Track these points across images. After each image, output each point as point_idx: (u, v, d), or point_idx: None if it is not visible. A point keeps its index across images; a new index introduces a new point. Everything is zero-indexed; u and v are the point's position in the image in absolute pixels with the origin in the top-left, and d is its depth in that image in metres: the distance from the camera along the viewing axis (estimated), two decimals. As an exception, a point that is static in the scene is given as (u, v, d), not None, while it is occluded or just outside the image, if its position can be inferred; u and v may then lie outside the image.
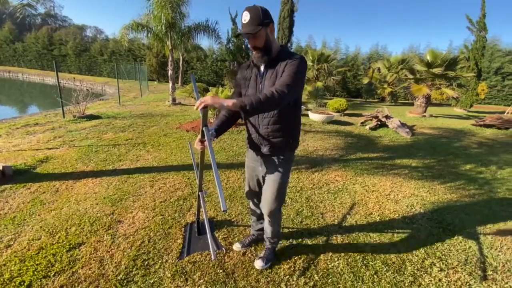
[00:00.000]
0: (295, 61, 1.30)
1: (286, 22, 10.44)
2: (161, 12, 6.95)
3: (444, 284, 1.72)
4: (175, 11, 7.26)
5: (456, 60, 8.55)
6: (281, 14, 10.55)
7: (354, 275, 1.75)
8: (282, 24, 10.70)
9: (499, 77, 15.63)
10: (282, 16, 10.44)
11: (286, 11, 10.25)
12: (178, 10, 7.51)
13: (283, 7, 10.40)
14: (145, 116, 6.85)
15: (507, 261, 1.99)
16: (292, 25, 10.85)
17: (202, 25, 8.25)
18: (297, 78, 1.27)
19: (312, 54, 12.50)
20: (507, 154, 4.99)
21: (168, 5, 6.80)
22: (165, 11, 6.94)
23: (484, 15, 10.68)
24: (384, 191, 3.11)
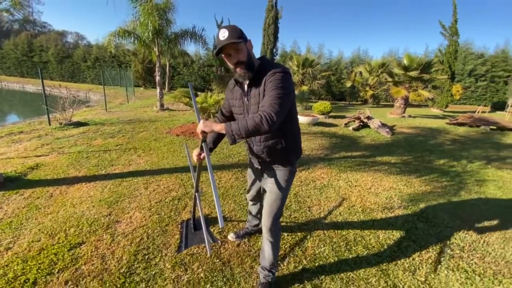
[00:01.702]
0: (276, 77, 1.24)
1: (271, 29, 10.76)
2: (148, 19, 7.04)
3: (417, 262, 1.95)
4: (162, 18, 7.37)
5: (430, 64, 9.14)
6: (266, 21, 10.87)
7: (338, 258, 1.94)
8: (267, 30, 11.01)
9: (472, 79, 16.67)
10: (267, 23, 10.76)
11: (270, 18, 10.57)
12: (165, 17, 7.62)
13: (267, 14, 10.73)
14: (133, 122, 6.87)
15: (473, 241, 2.25)
16: (277, 32, 11.18)
17: (189, 31, 8.39)
18: (283, 98, 1.20)
19: (297, 59, 12.89)
20: (477, 149, 5.43)
21: (155, 12, 6.90)
22: (152, 18, 7.03)
23: (456, 21, 11.47)
24: (365, 185, 3.36)
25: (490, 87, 16.50)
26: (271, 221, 1.53)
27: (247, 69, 1.31)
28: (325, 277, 1.75)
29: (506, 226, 2.50)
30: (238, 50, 1.27)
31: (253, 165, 1.69)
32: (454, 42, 11.73)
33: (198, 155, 1.57)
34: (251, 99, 1.36)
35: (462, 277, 1.80)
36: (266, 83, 1.26)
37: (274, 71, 1.26)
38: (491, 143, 6.02)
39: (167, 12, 7.88)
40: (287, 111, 1.26)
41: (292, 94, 1.30)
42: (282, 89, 1.22)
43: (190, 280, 1.68)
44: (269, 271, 1.61)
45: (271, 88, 1.23)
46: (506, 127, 7.48)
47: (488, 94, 16.58)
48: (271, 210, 1.52)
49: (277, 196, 1.51)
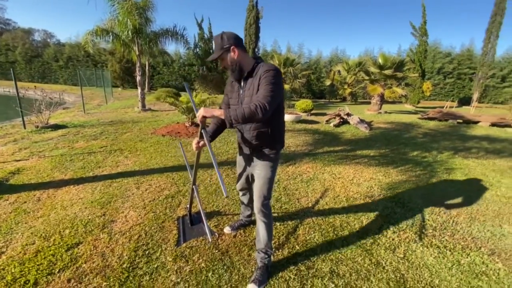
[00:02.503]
0: (269, 74, 1.44)
1: (253, 29, 10.88)
2: (127, 18, 6.88)
3: (396, 242, 2.17)
4: (142, 17, 7.24)
5: (403, 62, 9.73)
6: (247, 21, 10.97)
7: (327, 242, 2.12)
8: (248, 30, 11.12)
9: (441, 76, 17.82)
10: (248, 23, 10.87)
11: (251, 17, 10.69)
12: (145, 16, 7.49)
13: (248, 14, 10.83)
14: (115, 123, 6.70)
15: (443, 222, 2.53)
16: (258, 31, 11.33)
17: (170, 30, 8.29)
18: (274, 91, 1.40)
19: (278, 58, 13.11)
20: (446, 141, 5.91)
21: (135, 11, 6.76)
22: (132, 17, 6.89)
23: (425, 22, 12.25)
24: (348, 177, 3.59)
25: (457, 84, 17.73)
26: (261, 203, 1.70)
27: (232, 71, 1.59)
28: (317, 259, 1.92)
29: (472, 207, 2.82)
30: (222, 59, 1.58)
31: (243, 153, 1.85)
32: (423, 42, 12.53)
33: (197, 143, 1.67)
34: (245, 92, 1.57)
35: (435, 252, 2.05)
36: (261, 79, 1.47)
37: (267, 69, 1.47)
38: (458, 135, 6.58)
39: (147, 10, 7.74)
40: (277, 103, 1.47)
41: (282, 89, 1.52)
42: (274, 85, 1.43)
43: (192, 270, 1.78)
44: (265, 253, 1.75)
45: (264, 83, 1.43)
46: (471, 120, 8.17)
47: (455, 90, 17.81)
48: (261, 193, 1.70)
49: (265, 180, 1.69)
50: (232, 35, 1.56)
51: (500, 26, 13.01)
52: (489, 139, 6.15)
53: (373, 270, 1.83)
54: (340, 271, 1.81)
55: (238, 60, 1.56)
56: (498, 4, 12.87)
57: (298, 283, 1.69)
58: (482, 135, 6.62)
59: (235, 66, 1.57)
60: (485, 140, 6.08)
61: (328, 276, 1.75)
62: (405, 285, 1.70)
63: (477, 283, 1.72)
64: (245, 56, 1.59)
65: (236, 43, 1.55)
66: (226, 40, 1.53)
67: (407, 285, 1.70)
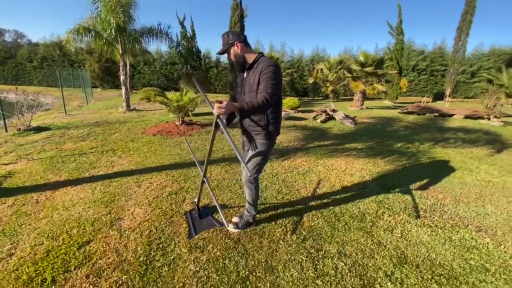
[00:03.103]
0: (270, 70, 1.68)
1: (237, 27, 10.91)
2: (111, 16, 6.68)
3: (393, 223, 2.36)
4: (125, 15, 7.06)
5: (383, 60, 10.21)
6: (232, 19, 10.99)
7: (331, 227, 2.27)
8: (233, 29, 11.12)
9: (415, 73, 18.76)
10: (233, 21, 10.89)
11: (236, 16, 10.72)
12: (128, 14, 7.30)
13: (233, 13, 10.85)
14: (101, 124, 6.51)
15: (432, 204, 2.76)
16: (243, 30, 11.37)
17: (154, 29, 8.14)
18: (275, 86, 1.68)
19: (262, 56, 13.25)
20: (426, 133, 6.33)
21: (119, 8, 6.58)
22: (115, 14, 6.70)
23: (401, 21, 12.87)
24: (341, 168, 3.78)
25: (430, 80, 18.76)
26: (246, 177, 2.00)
27: (237, 63, 1.88)
28: (324, 242, 2.05)
29: (455, 191, 3.10)
30: (228, 53, 1.88)
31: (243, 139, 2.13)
32: (400, 40, 13.18)
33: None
34: (247, 81, 1.85)
35: (428, 231, 2.25)
36: (262, 73, 1.71)
37: (268, 65, 1.71)
38: (436, 128, 7.05)
39: (130, 8, 7.56)
40: (278, 96, 1.76)
41: (281, 84, 1.78)
42: (274, 79, 1.69)
43: (209, 258, 1.85)
44: (248, 212, 2.17)
45: (266, 78, 1.69)
46: (446, 113, 8.75)
47: (429, 86, 18.83)
48: (250, 165, 1.96)
49: (256, 153, 1.94)
50: (236, 33, 1.86)
51: (471, 25, 13.94)
52: (464, 130, 6.66)
53: (376, 249, 2.00)
54: (347, 252, 1.96)
55: (241, 53, 1.83)
56: (468, 3, 13.77)
57: (311, 264, 1.81)
58: (457, 127, 7.14)
59: (239, 59, 1.85)
60: (460, 131, 6.57)
61: (337, 256, 1.89)
62: (406, 260, 1.88)
63: (469, 256, 1.94)
64: (248, 50, 1.86)
65: (239, 39, 1.82)
66: (231, 37, 1.83)
67: (407, 260, 1.88)
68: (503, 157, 4.50)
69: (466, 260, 1.89)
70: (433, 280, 1.69)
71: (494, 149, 4.96)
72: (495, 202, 2.84)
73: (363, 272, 1.75)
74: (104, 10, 6.69)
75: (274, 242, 2.05)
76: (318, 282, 1.65)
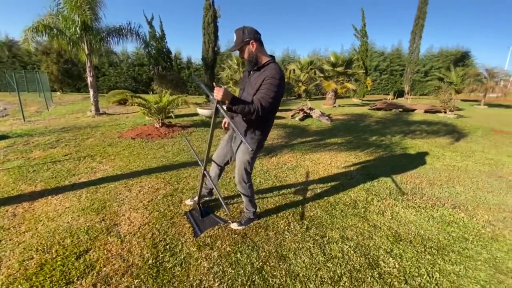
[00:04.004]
0: (273, 82, 1.66)
1: (211, 28, 10.81)
2: (76, 13, 6.22)
3: (382, 208, 2.57)
4: (93, 12, 6.62)
5: (352, 60, 10.86)
6: (205, 20, 10.85)
7: (330, 215, 2.40)
8: (207, 29, 11.01)
9: (377, 73, 20.21)
10: (207, 22, 10.76)
11: (209, 16, 10.61)
12: (95, 11, 6.86)
13: (206, 13, 10.73)
14: (70, 130, 6.03)
15: (412, 188, 3.05)
16: (217, 30, 11.30)
17: (124, 28, 7.74)
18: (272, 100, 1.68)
19: (236, 58, 13.21)
20: (395, 127, 6.88)
21: (86, 6, 6.14)
22: (81, 11, 6.25)
23: (365, 24, 13.79)
24: (326, 161, 3.98)
25: (391, 79, 20.36)
26: (240, 177, 2.03)
27: (249, 62, 1.79)
28: (326, 229, 2.17)
29: (429, 175, 3.45)
30: (241, 51, 1.77)
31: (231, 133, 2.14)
32: (365, 42, 14.12)
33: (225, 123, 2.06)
34: (250, 82, 1.83)
35: (413, 211, 2.49)
36: (265, 80, 1.69)
37: (274, 76, 1.68)
38: (402, 121, 7.69)
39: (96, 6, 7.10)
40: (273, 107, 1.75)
41: (280, 96, 1.76)
42: (275, 93, 1.69)
43: (220, 254, 1.85)
44: (247, 210, 2.20)
45: (267, 89, 1.67)
46: (409, 108, 9.59)
47: (390, 85, 20.41)
48: (240, 167, 2.00)
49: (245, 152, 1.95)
50: (252, 30, 1.73)
51: (423, 28, 15.40)
52: (426, 123, 7.37)
53: (373, 231, 2.17)
54: (348, 236, 2.09)
55: (255, 53, 1.75)
56: (420, 9, 15.20)
57: (319, 249, 1.91)
58: (420, 120, 7.87)
59: (252, 58, 1.77)
60: (424, 124, 7.26)
61: (341, 241, 2.02)
62: (400, 238, 2.06)
63: (450, 229, 2.19)
64: (261, 50, 1.78)
65: (255, 37, 1.72)
66: (247, 34, 1.71)
67: (401, 238, 2.07)
68: (461, 144, 5.09)
69: (449, 233, 2.14)
70: (426, 252, 1.89)
71: (453, 138, 5.58)
72: (462, 182, 3.22)
73: (366, 252, 1.89)
74: (68, 6, 6.20)
75: (280, 233, 2.12)
76: (328, 264, 1.76)
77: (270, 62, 1.77)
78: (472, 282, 1.62)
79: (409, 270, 1.71)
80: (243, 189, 2.10)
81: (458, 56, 18.57)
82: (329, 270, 1.71)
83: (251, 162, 2.01)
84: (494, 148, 4.83)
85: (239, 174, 2.03)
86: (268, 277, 1.65)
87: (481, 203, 2.70)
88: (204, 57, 12.01)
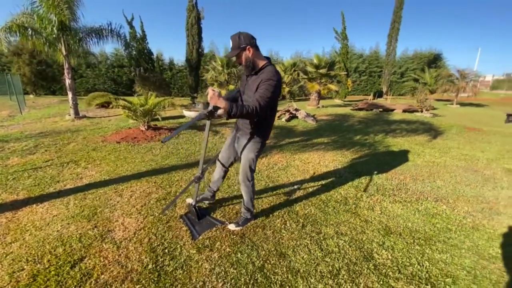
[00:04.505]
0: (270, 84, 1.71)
1: (195, 29, 10.71)
2: (53, 12, 5.94)
3: (371, 203, 2.69)
4: (71, 11, 6.35)
5: (334, 62, 11.19)
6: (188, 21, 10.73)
7: (323, 212, 2.48)
8: (190, 30, 10.89)
9: (357, 74, 20.93)
10: (190, 23, 10.64)
11: (193, 18, 10.51)
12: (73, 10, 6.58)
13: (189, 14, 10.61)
14: (48, 135, 5.74)
15: (397, 184, 3.21)
16: (201, 32, 11.21)
17: (104, 28, 7.48)
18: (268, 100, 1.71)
19: (220, 60, 13.19)
20: (377, 126, 7.18)
21: (64, 5, 5.88)
22: (58, 10, 5.98)
23: (345, 28, 14.25)
24: (315, 161, 4.09)
25: (369, 80, 21.14)
26: (244, 175, 2.09)
27: (246, 67, 1.83)
28: (321, 226, 2.25)
29: (411, 171, 3.65)
30: (238, 56, 1.81)
31: (234, 134, 2.20)
32: (345, 45, 14.59)
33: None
34: (248, 85, 1.89)
35: (400, 206, 2.64)
36: (262, 81, 1.74)
37: (270, 78, 1.73)
38: (383, 121, 8.04)
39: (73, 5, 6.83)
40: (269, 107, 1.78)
41: (277, 96, 1.81)
42: (271, 94, 1.72)
43: (220, 255, 1.87)
44: (246, 210, 2.22)
45: (265, 87, 1.72)
46: (389, 108, 10.04)
47: (369, 86, 21.20)
48: (245, 164, 2.05)
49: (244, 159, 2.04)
50: (248, 35, 1.77)
51: (398, 32, 16.16)
52: (405, 122, 7.75)
53: (365, 225, 2.27)
54: (342, 231, 2.18)
55: (252, 58, 1.80)
56: (395, 13, 15.95)
57: (316, 245, 1.98)
58: (400, 119, 8.26)
59: (249, 63, 1.81)
60: (403, 123, 7.63)
61: (336, 236, 2.10)
62: (390, 231, 2.18)
63: (435, 221, 2.35)
64: (258, 54, 1.82)
65: (251, 43, 1.76)
66: (243, 40, 1.75)
67: (392, 231, 2.19)
68: (439, 141, 5.42)
69: (434, 224, 2.29)
70: (415, 243, 2.02)
71: (430, 135, 5.92)
72: (442, 177, 3.44)
73: (360, 245, 1.98)
74: (44, 5, 5.90)
75: (277, 232, 2.17)
76: (327, 259, 1.83)
77: (267, 65, 1.82)
78: (459, 269, 1.76)
79: (401, 260, 1.82)
80: (246, 187, 2.13)
81: (431, 58, 19.66)
82: (327, 264, 1.78)
83: (256, 160, 2.08)
84: (469, 145, 5.19)
85: (244, 172, 2.08)
86: (270, 275, 1.69)
87: (460, 195, 2.91)
88: (188, 58, 11.87)
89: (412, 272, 1.71)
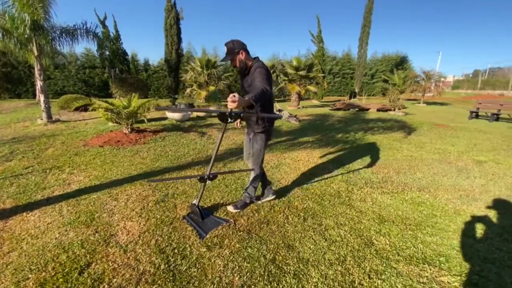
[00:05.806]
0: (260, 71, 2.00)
1: (174, 30, 10.52)
2: (26, 11, 5.55)
3: (363, 195, 2.89)
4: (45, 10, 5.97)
5: (312, 64, 11.59)
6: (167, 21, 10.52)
7: (321, 206, 2.63)
8: (169, 31, 10.68)
9: (331, 76, 21.77)
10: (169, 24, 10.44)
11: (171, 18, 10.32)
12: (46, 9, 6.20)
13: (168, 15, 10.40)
14: (22, 140, 5.35)
15: (383, 177, 3.46)
16: (180, 32, 11.04)
17: (79, 28, 7.12)
18: (267, 79, 1.99)
19: (199, 60, 13.04)
20: (355, 125, 7.58)
21: (37, 3, 5.51)
22: (32, 9, 5.60)
23: (320, 31, 14.81)
24: (305, 159, 4.26)
25: (343, 82, 22.09)
26: (253, 164, 2.42)
27: (240, 69, 2.16)
28: (321, 218, 2.39)
29: (393, 165, 3.94)
30: (233, 60, 2.12)
31: (246, 133, 2.50)
32: (321, 47, 15.16)
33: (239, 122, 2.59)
34: (245, 83, 2.19)
35: (389, 196, 2.87)
36: (254, 74, 2.03)
37: (258, 67, 2.04)
38: (361, 120, 8.50)
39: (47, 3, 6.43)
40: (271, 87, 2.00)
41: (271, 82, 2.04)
42: (265, 75, 2.00)
43: (231, 251, 1.93)
44: (248, 195, 2.51)
45: (257, 78, 1.98)
46: (364, 108, 10.62)
47: (342, 87, 22.16)
48: (254, 158, 2.39)
49: (257, 147, 2.34)
50: (239, 41, 2.12)
51: (369, 36, 17.13)
52: (381, 120, 8.26)
53: (360, 215, 2.45)
54: (341, 222, 2.34)
55: (244, 60, 2.13)
56: (365, 18, 16.90)
57: (320, 236, 2.11)
58: (375, 118, 8.78)
59: (242, 65, 2.14)
60: (379, 121, 8.13)
61: (337, 227, 2.25)
62: (384, 219, 2.38)
63: (421, 209, 2.60)
64: (248, 56, 2.15)
65: (243, 47, 2.10)
66: (237, 46, 2.09)
67: (385, 219, 2.39)
68: (413, 137, 5.87)
69: (421, 212, 2.54)
70: (407, 229, 2.22)
71: (405, 132, 6.39)
72: (421, 169, 3.77)
73: (360, 234, 2.15)
74: (18, 4, 5.50)
75: (281, 226, 2.27)
76: (332, 248, 1.96)
77: (255, 63, 2.12)
78: (449, 249, 1.98)
79: (398, 244, 2.01)
80: (254, 173, 2.46)
81: (398, 61, 21.01)
82: (333, 252, 1.91)
83: (263, 150, 2.38)
84: (440, 139, 5.69)
85: (254, 160, 2.39)
86: (283, 266, 1.78)
87: (440, 185, 3.22)
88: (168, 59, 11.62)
89: (410, 254, 1.90)
